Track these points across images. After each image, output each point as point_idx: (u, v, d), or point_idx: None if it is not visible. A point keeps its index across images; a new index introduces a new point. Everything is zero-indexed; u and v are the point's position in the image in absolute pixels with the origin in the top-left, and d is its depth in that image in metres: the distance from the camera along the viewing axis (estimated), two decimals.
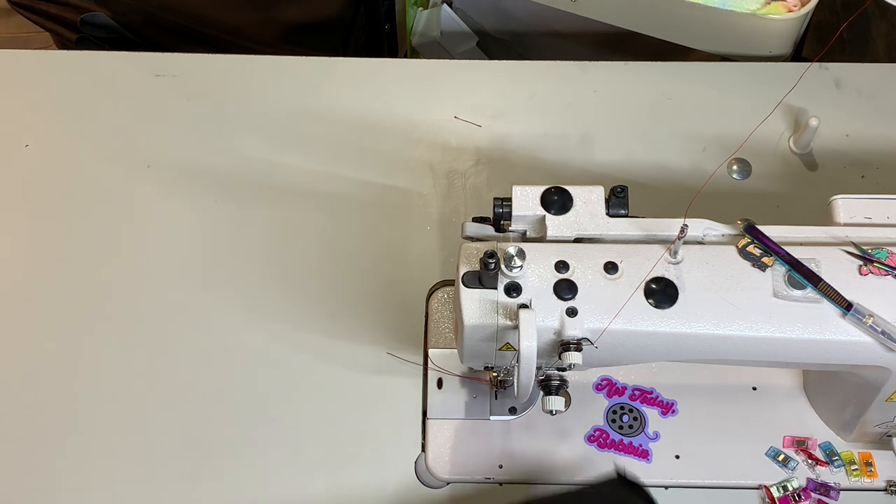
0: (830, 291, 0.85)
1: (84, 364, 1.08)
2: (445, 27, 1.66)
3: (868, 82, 1.27)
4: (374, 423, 1.04)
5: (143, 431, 1.04)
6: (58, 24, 1.56)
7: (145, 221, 1.17)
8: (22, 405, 1.06)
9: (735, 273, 0.87)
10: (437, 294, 1.12)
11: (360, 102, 1.26)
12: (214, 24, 1.50)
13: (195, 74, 1.28)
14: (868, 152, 1.21)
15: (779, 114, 1.23)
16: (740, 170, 1.20)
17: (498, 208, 0.91)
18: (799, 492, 0.99)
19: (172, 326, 1.10)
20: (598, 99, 1.26)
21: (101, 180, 1.20)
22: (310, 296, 1.12)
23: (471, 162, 1.21)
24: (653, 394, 1.05)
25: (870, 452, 1.01)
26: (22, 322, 1.11)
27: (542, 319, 0.85)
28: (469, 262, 0.88)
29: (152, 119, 1.25)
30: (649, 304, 0.86)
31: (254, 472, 1.02)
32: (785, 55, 1.29)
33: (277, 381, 1.07)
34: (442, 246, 1.15)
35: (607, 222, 0.90)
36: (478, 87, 1.28)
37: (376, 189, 1.19)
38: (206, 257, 1.15)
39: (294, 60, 1.30)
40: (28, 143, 1.23)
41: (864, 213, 0.92)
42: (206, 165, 1.21)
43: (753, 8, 1.23)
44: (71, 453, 1.03)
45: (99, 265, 1.14)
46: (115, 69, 1.29)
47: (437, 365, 1.06)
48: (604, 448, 1.02)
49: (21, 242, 1.16)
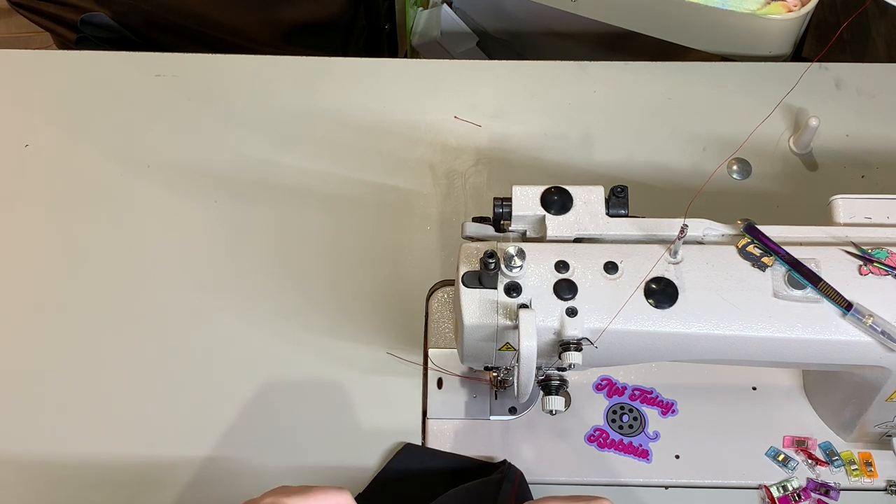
0: (830, 291, 0.85)
1: (84, 364, 1.08)
2: (445, 27, 1.66)
3: (868, 82, 1.27)
4: (374, 423, 1.04)
5: (143, 431, 1.04)
6: (58, 24, 1.57)
7: (145, 221, 1.17)
8: (22, 405, 1.06)
9: (735, 273, 0.87)
10: (437, 294, 1.12)
11: (360, 102, 1.26)
12: (214, 24, 1.50)
13: (195, 74, 1.28)
14: (868, 152, 1.21)
15: (779, 114, 1.23)
16: (740, 170, 1.20)
17: (498, 208, 0.91)
18: (799, 492, 0.99)
19: (172, 326, 1.10)
20: (598, 99, 1.26)
21: (101, 180, 1.20)
22: (310, 296, 1.12)
23: (471, 162, 1.21)
24: (653, 394, 1.05)
25: (870, 452, 1.01)
26: (22, 322, 1.11)
27: (542, 319, 0.85)
28: (469, 262, 0.88)
29: (152, 119, 1.25)
30: (649, 304, 0.86)
31: (254, 472, 1.02)
32: (785, 55, 1.29)
33: (277, 381, 1.07)
34: (442, 246, 1.15)
35: (607, 222, 0.90)
36: (478, 87, 1.28)
37: (376, 189, 1.19)
38: (205, 257, 1.15)
39: (294, 60, 1.30)
40: (28, 143, 1.23)
41: (864, 213, 0.92)
42: (206, 165, 1.21)
43: (753, 8, 1.23)
44: (70, 453, 1.03)
45: (99, 265, 1.14)
46: (115, 69, 1.29)
47: (437, 365, 1.06)
48: (604, 448, 1.02)
49: (21, 242, 1.16)
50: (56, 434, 1.04)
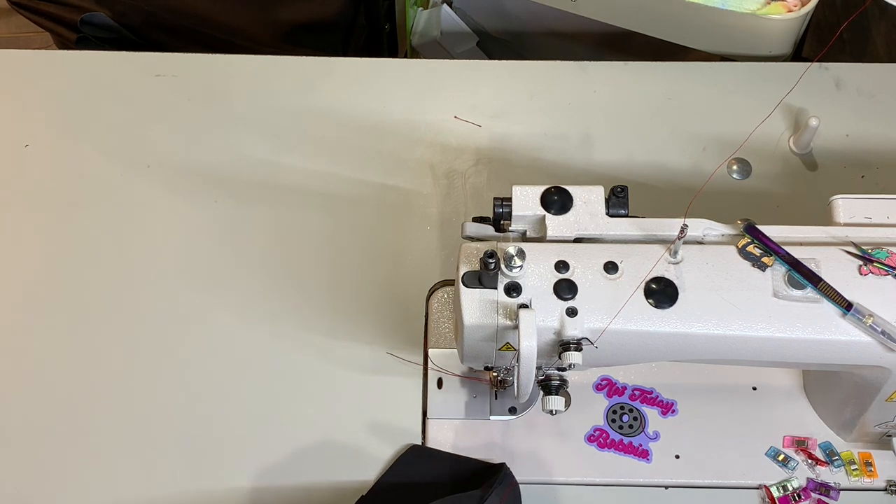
0: (830, 291, 0.85)
1: (84, 364, 1.08)
2: (445, 27, 1.66)
3: (868, 82, 1.27)
4: (374, 423, 1.04)
5: (143, 430, 1.04)
6: (58, 24, 1.57)
7: (145, 221, 1.17)
8: (21, 405, 1.06)
9: (735, 273, 0.87)
10: (437, 294, 1.12)
11: (360, 102, 1.26)
12: (214, 24, 1.50)
13: (195, 74, 1.28)
14: (868, 152, 1.21)
15: (779, 114, 1.23)
16: (740, 170, 1.20)
17: (498, 208, 0.91)
18: (799, 492, 0.99)
19: (172, 326, 1.10)
20: (598, 99, 1.26)
21: (101, 180, 1.20)
22: (310, 296, 1.12)
23: (471, 162, 1.21)
24: (653, 394, 1.05)
25: (870, 452, 1.01)
26: (22, 321, 1.11)
27: (542, 319, 0.85)
28: (469, 262, 0.88)
29: (152, 119, 1.25)
30: (649, 304, 0.86)
31: (253, 472, 1.02)
32: (785, 55, 1.29)
33: (277, 381, 1.07)
34: (442, 246, 1.15)
35: (607, 222, 0.90)
36: (478, 87, 1.28)
37: (376, 189, 1.19)
38: (205, 257, 1.15)
39: (294, 60, 1.30)
40: (28, 143, 1.23)
41: (864, 213, 0.92)
42: (206, 165, 1.21)
43: (753, 8, 1.23)
44: (70, 453, 1.03)
45: (99, 265, 1.14)
46: (115, 69, 1.29)
47: (437, 365, 1.06)
48: (604, 448, 1.02)
49: (21, 242, 1.16)
50: (56, 434, 1.04)
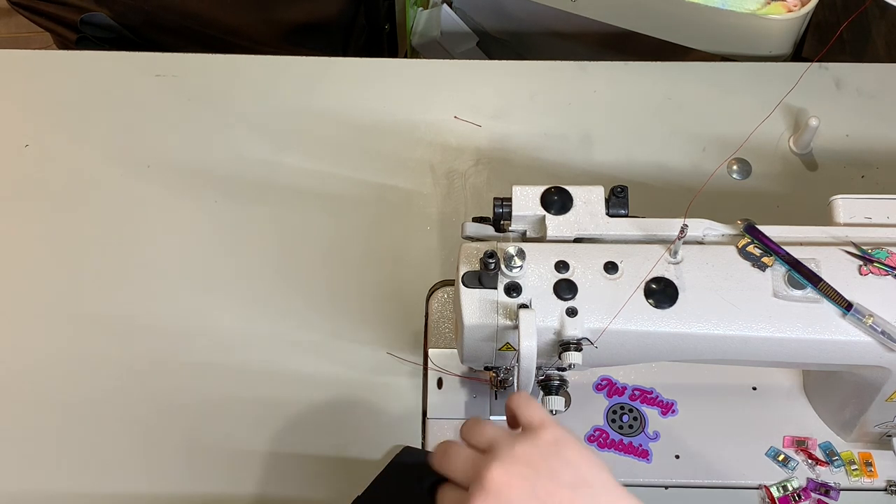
0: (830, 291, 0.85)
1: (84, 364, 1.08)
2: (445, 27, 1.66)
3: (868, 82, 1.27)
4: (373, 423, 1.04)
5: (143, 431, 1.04)
6: (58, 24, 1.57)
7: (145, 221, 1.17)
8: (21, 404, 1.06)
9: (735, 273, 0.87)
10: (437, 294, 1.12)
11: (360, 102, 1.26)
12: (214, 24, 1.50)
13: (195, 74, 1.29)
14: (868, 152, 1.21)
15: (779, 114, 1.23)
16: (740, 170, 1.20)
17: (498, 208, 0.91)
18: (799, 492, 0.99)
19: (172, 326, 1.10)
20: (598, 99, 1.26)
21: (101, 180, 1.20)
22: (309, 296, 1.12)
23: (471, 162, 1.21)
24: (653, 394, 1.05)
25: (870, 452, 1.01)
26: (21, 321, 1.11)
27: (542, 319, 0.85)
28: (469, 262, 0.88)
29: (152, 119, 1.25)
30: (649, 304, 0.86)
31: (253, 472, 1.02)
32: (785, 55, 1.29)
33: (277, 381, 1.07)
34: (442, 246, 1.15)
35: (607, 222, 0.90)
36: (478, 87, 1.28)
37: (376, 189, 1.19)
38: (205, 257, 1.15)
39: (294, 60, 1.30)
40: (28, 143, 1.23)
41: (864, 213, 0.92)
42: (206, 165, 1.21)
43: (753, 8, 1.23)
44: (69, 453, 1.03)
45: (99, 265, 1.14)
46: (115, 69, 1.29)
47: (437, 365, 1.06)
48: (604, 448, 1.02)
49: (21, 242, 1.16)
50: (55, 433, 1.04)
